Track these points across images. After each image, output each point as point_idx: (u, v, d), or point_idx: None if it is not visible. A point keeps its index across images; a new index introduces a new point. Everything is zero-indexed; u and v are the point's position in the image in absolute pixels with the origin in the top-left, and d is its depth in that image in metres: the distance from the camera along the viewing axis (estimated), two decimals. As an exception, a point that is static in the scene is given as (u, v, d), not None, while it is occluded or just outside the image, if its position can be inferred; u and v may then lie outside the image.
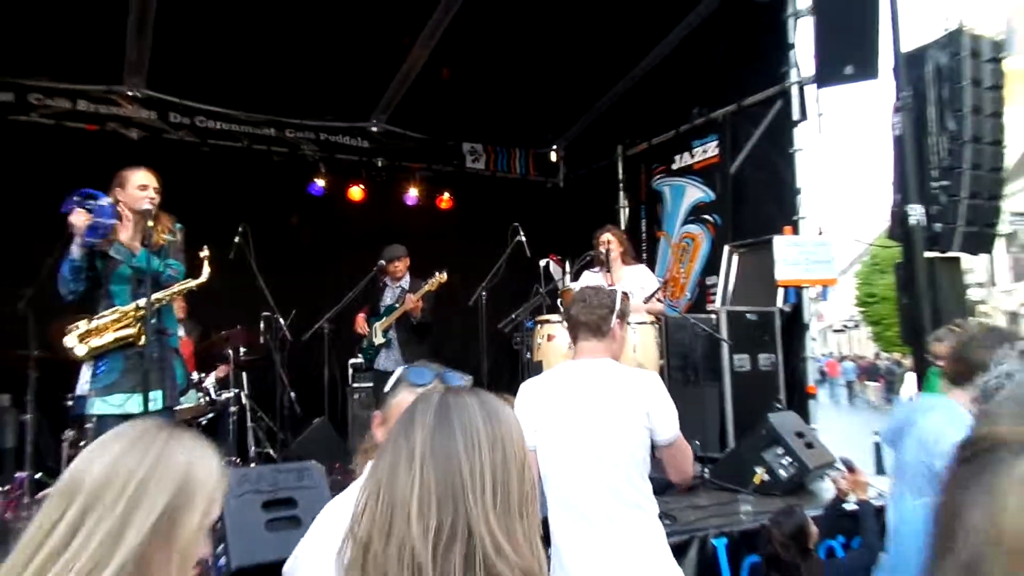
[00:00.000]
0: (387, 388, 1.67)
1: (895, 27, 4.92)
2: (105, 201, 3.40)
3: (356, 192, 7.64)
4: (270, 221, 6.50)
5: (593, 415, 2.31)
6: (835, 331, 48.81)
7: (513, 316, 5.33)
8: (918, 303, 5.10)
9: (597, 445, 2.28)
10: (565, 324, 2.82)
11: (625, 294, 2.60)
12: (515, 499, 0.98)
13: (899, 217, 5.31)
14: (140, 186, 3.52)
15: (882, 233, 7.09)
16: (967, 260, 5.67)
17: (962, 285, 5.86)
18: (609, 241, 5.10)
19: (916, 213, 5.11)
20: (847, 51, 5.18)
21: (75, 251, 3.36)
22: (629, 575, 2.18)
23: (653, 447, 2.36)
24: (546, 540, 2.27)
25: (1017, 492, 0.69)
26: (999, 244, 18.56)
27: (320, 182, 7.42)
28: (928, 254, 5.24)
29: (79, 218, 3.30)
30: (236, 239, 5.27)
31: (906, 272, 5.37)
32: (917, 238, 5.15)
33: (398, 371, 1.68)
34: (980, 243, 5.33)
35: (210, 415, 5.55)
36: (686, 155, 7.24)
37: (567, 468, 2.30)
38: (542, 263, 5.50)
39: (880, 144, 5.56)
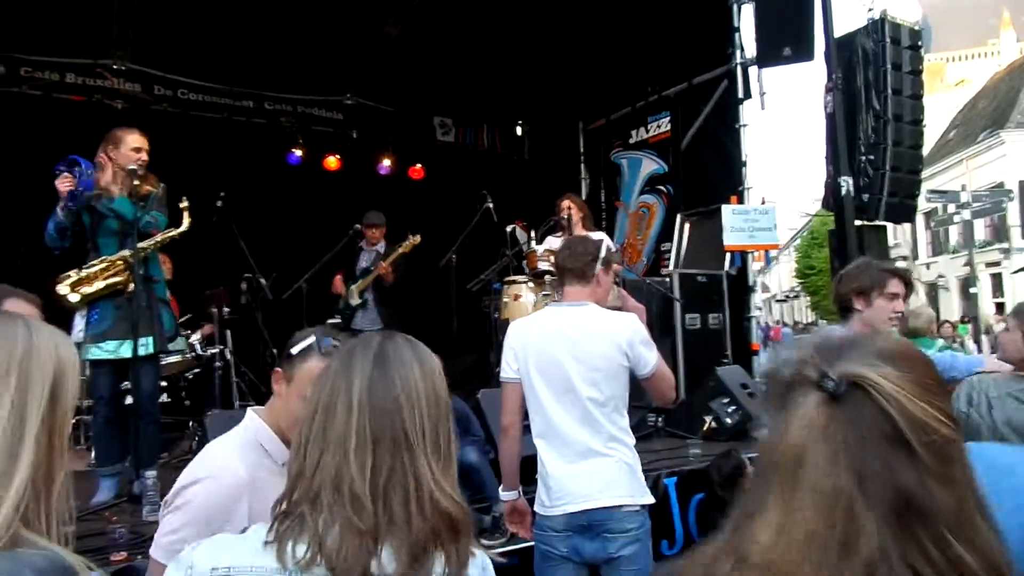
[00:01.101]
0: (295, 350, 1.64)
1: (827, 14, 5.40)
2: (88, 169, 3.59)
3: (332, 162, 7.93)
4: (251, 188, 6.78)
5: (573, 354, 2.44)
6: (778, 301, 52.26)
7: (481, 277, 5.69)
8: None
9: (576, 382, 2.43)
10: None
11: (608, 244, 2.78)
12: (445, 446, 1.05)
13: (832, 188, 5.85)
14: (135, 147, 3.73)
15: (820, 208, 7.64)
16: (892, 234, 6.24)
17: (887, 251, 6.45)
18: (569, 207, 5.42)
19: (846, 184, 5.64)
20: (785, 35, 5.66)
21: (59, 212, 3.58)
22: (606, 499, 2.37)
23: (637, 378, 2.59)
24: (533, 469, 2.56)
25: (799, 430, 0.72)
26: (919, 219, 19.72)
27: (298, 152, 7.72)
28: (857, 222, 5.79)
29: (63, 184, 3.53)
30: (219, 203, 5.55)
31: (838, 239, 5.92)
32: (847, 207, 5.69)
33: (310, 339, 1.64)
34: (901, 212, 5.92)
35: (196, 370, 5.84)
36: (642, 130, 7.71)
37: (549, 402, 2.46)
38: (508, 228, 5.75)
39: (816, 121, 6.05)
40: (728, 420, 4.79)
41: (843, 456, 0.69)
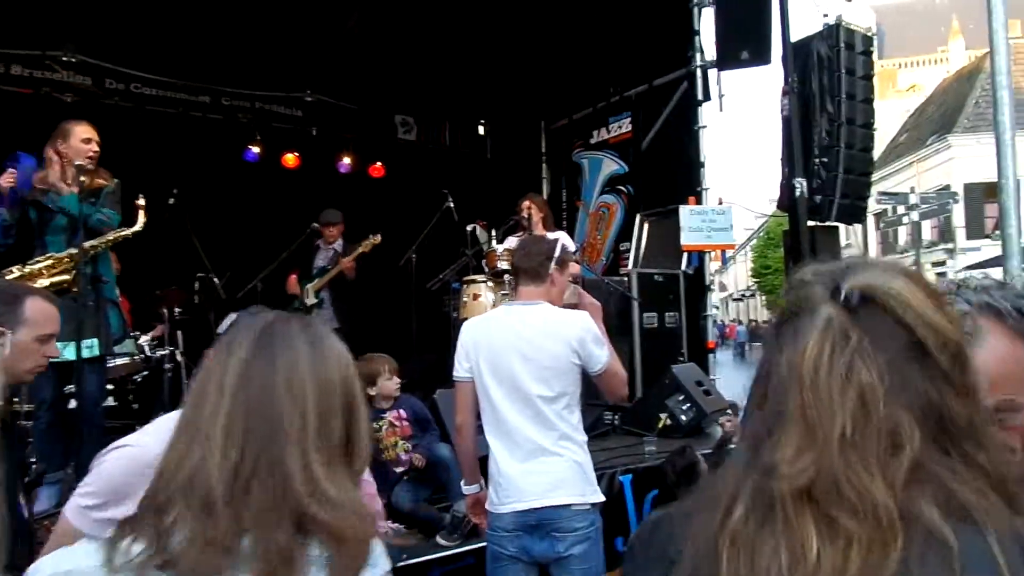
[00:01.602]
0: (222, 330, 1.63)
1: (784, 19, 5.49)
2: (29, 165, 3.52)
3: (291, 159, 7.79)
4: (205, 185, 6.63)
5: (523, 353, 2.45)
6: (735, 299, 53.88)
7: (440, 276, 5.67)
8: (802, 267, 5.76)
9: (526, 380, 2.43)
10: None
11: (564, 243, 2.74)
12: (338, 442, 0.91)
13: (787, 189, 5.96)
14: (84, 139, 3.63)
15: (775, 209, 7.79)
16: (844, 235, 6.40)
17: (839, 251, 6.60)
18: (530, 207, 5.45)
19: (800, 186, 5.76)
20: (743, 39, 5.75)
21: (3, 210, 3.49)
22: (555, 498, 2.37)
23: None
24: (484, 470, 2.58)
25: (815, 338, 0.70)
26: (870, 220, 20.36)
27: (255, 149, 7.55)
28: (810, 223, 5.91)
29: (6, 180, 3.44)
30: (171, 200, 5.41)
31: (792, 239, 6.03)
32: (801, 208, 5.80)
33: (233, 315, 1.65)
34: (853, 214, 6.06)
35: (145, 373, 5.68)
36: (603, 130, 7.76)
37: (500, 401, 2.47)
38: (469, 228, 5.76)
39: (773, 124, 6.16)
40: (683, 417, 4.85)
41: (867, 361, 0.68)
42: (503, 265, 4.87)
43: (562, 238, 5.75)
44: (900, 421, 0.66)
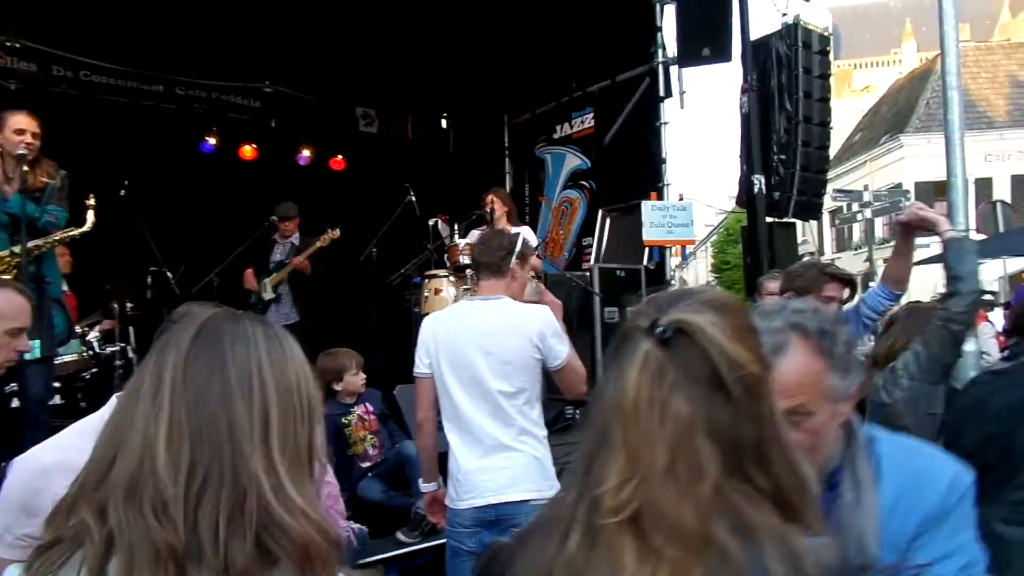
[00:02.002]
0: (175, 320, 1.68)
1: (744, 17, 5.57)
2: None
3: (248, 151, 7.61)
4: (159, 177, 6.43)
5: (484, 347, 2.44)
6: None
7: (402, 271, 5.61)
8: (759, 262, 5.86)
9: (486, 375, 2.42)
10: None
11: (525, 238, 2.73)
12: (304, 448, 0.83)
13: (745, 186, 6.05)
14: (17, 130, 3.46)
15: (735, 205, 7.90)
16: (800, 231, 6.52)
17: (796, 247, 6.73)
18: (493, 201, 5.43)
19: (759, 182, 5.85)
20: (705, 36, 5.81)
21: None
22: (514, 493, 2.37)
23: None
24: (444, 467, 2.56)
25: (635, 374, 0.77)
26: (825, 217, 20.89)
27: (212, 140, 7.35)
28: (768, 219, 6.01)
29: None
30: (122, 192, 5.24)
31: (750, 235, 6.13)
32: (759, 204, 5.89)
33: (183, 307, 1.60)
34: (809, 210, 6.18)
35: (94, 370, 5.50)
36: (566, 126, 7.77)
37: (460, 396, 2.45)
38: (431, 222, 5.71)
39: (733, 121, 6.24)
40: (644, 411, 4.90)
41: (679, 395, 0.76)
42: (465, 260, 4.84)
43: (525, 233, 5.79)
44: (703, 449, 0.75)
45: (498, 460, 2.40)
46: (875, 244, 16.15)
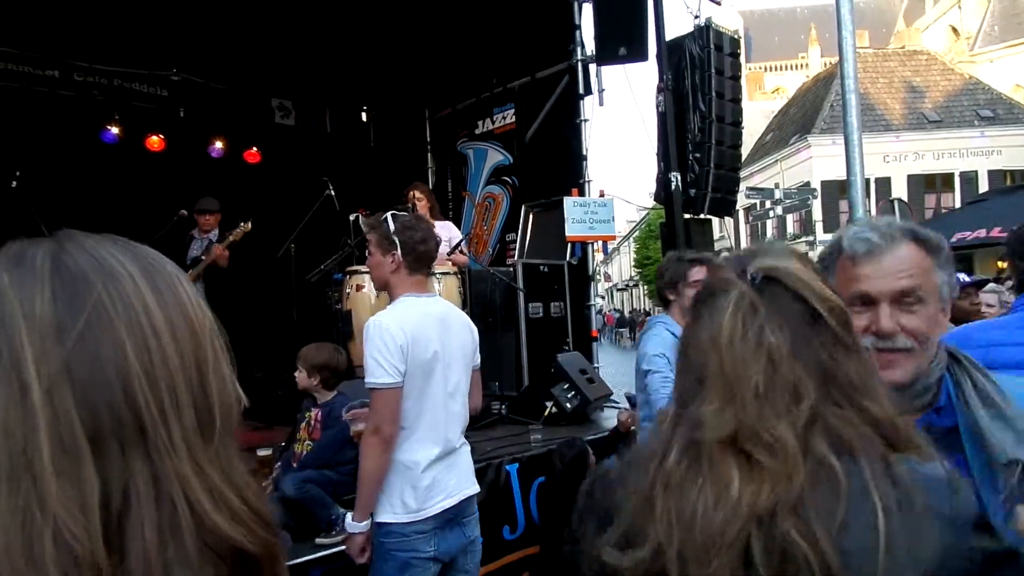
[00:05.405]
0: None
1: (659, 17, 5.71)
2: None
3: (155, 141, 7.22)
4: (55, 168, 6.03)
5: (448, 346, 2.45)
6: (619, 289, 57.35)
7: (322, 267, 5.49)
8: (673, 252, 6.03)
9: (452, 376, 2.46)
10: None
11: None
12: (219, 418, 0.57)
13: (663, 183, 6.22)
14: None
15: (655, 202, 8.10)
16: (718, 227, 6.75)
17: (712, 243, 6.98)
18: (415, 196, 5.40)
19: (675, 180, 6.02)
20: (621, 35, 5.91)
21: None
22: (468, 488, 2.51)
23: None
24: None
25: (730, 311, 0.83)
26: (740, 214, 21.82)
27: (114, 129, 6.92)
28: (685, 215, 6.20)
29: None
30: (13, 184, 4.91)
31: (668, 231, 6.30)
32: (676, 201, 6.08)
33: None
34: (723, 207, 6.41)
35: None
36: (487, 121, 7.76)
37: (431, 400, 2.40)
38: (351, 217, 5.62)
39: (651, 120, 6.40)
40: (568, 405, 4.93)
41: (772, 326, 0.81)
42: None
43: (448, 228, 5.78)
44: (800, 377, 0.80)
45: (455, 458, 2.49)
46: (787, 239, 16.94)
